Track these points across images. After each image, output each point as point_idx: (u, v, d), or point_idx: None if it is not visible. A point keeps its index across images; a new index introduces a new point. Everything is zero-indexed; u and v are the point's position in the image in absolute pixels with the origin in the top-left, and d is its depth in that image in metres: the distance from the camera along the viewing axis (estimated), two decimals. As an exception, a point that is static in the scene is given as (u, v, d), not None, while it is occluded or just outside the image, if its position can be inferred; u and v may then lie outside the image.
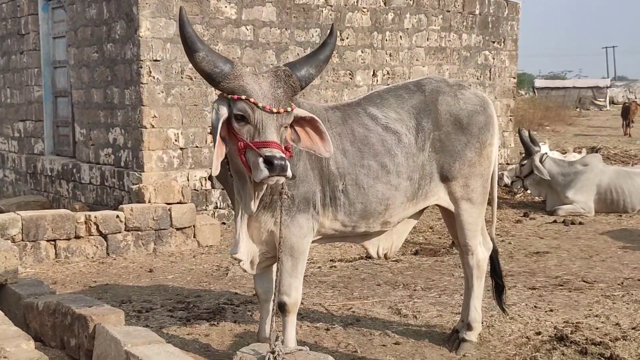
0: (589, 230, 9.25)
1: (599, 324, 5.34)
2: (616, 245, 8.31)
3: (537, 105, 32.22)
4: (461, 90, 4.66)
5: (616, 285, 6.46)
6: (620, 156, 16.50)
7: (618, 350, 4.76)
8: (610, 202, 10.23)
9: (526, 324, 5.26)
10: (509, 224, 9.65)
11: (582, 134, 24.14)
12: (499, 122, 11.98)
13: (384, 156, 4.33)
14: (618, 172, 10.60)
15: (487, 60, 11.68)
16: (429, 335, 5.07)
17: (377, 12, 10.16)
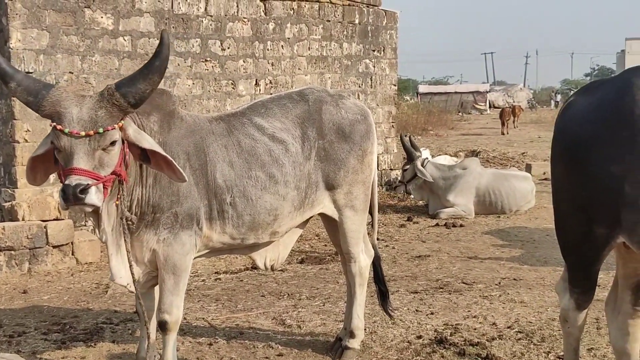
0: (469, 232, 9.54)
1: (477, 324, 5.50)
2: (494, 246, 8.60)
3: (420, 110, 33.09)
4: (342, 100, 4.71)
5: (494, 286, 6.68)
6: (499, 159, 17.14)
7: (494, 349, 4.91)
8: (488, 204, 10.59)
9: (408, 329, 5.36)
10: (393, 228, 9.82)
11: (464, 138, 24.94)
12: (382, 129, 12.25)
13: (271, 166, 4.31)
14: (495, 174, 10.99)
15: (368, 68, 11.88)
16: (313, 344, 5.07)
17: (258, 22, 10.15)
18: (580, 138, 3.34)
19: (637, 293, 3.67)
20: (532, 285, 6.62)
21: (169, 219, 3.97)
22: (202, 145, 4.15)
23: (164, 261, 3.99)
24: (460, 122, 34.55)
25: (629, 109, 3.18)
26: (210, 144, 4.19)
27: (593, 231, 3.35)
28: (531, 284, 6.70)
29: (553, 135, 3.63)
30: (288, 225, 4.53)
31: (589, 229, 3.36)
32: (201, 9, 9.51)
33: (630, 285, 3.67)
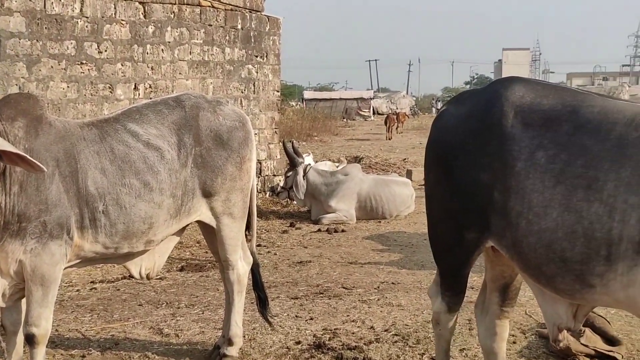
0: (350, 237, 9.68)
1: (355, 328, 5.57)
2: (374, 251, 8.76)
3: (305, 116, 33.34)
4: (220, 106, 4.68)
5: (372, 290, 6.79)
6: (381, 165, 17.49)
7: (371, 353, 4.99)
8: (370, 209, 10.79)
9: (287, 334, 5.36)
10: (276, 234, 9.84)
11: (348, 144, 25.32)
12: (265, 135, 12.25)
13: (146, 174, 4.22)
14: (376, 180, 11.22)
15: (251, 74, 11.85)
16: (190, 353, 5.00)
17: (137, 24, 9.93)
18: (451, 147, 3.44)
19: (504, 294, 3.82)
20: (410, 289, 6.78)
21: (37, 228, 3.82)
22: (72, 151, 4.02)
23: (32, 272, 3.84)
24: (344, 128, 35.05)
25: (497, 119, 3.31)
26: (82, 150, 4.06)
27: (463, 236, 3.47)
28: (409, 287, 6.86)
29: (426, 144, 3.73)
30: (164, 234, 4.45)
31: (460, 234, 3.48)
32: (76, 9, 9.21)
33: (498, 287, 3.82)
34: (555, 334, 3.47)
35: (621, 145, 2.95)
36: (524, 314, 5.76)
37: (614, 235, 2.87)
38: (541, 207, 3.08)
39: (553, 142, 3.14)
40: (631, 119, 3.01)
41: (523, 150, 3.21)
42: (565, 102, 3.23)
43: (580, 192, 2.98)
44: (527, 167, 3.17)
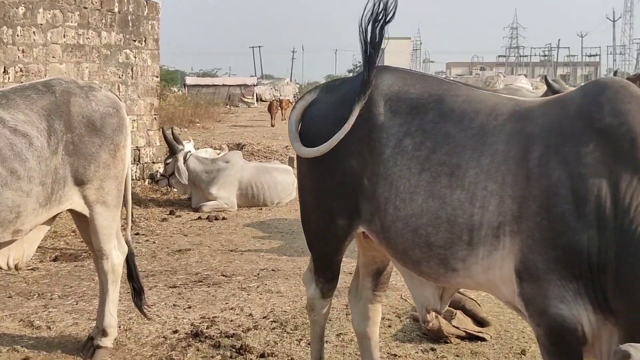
0: (231, 224, 9.65)
1: (234, 316, 5.58)
2: (255, 238, 8.78)
3: (188, 102, 32.82)
4: (92, 92, 4.55)
5: (252, 277, 6.81)
6: (264, 152, 17.47)
7: (249, 340, 5.01)
8: (251, 197, 10.78)
9: (164, 324, 5.30)
10: (155, 222, 9.68)
11: (231, 131, 25.14)
12: (144, 121, 11.99)
13: (13, 161, 4.06)
14: (258, 167, 11.22)
15: (129, 59, 11.56)
16: (63, 345, 4.87)
17: (6, 5, 9.48)
18: (322, 135, 3.48)
19: (377, 279, 3.92)
20: (289, 275, 6.84)
21: None
22: None
23: None
24: (227, 115, 34.77)
25: (366, 107, 3.37)
26: (-57, 137, 3.87)
27: (335, 223, 3.53)
28: (288, 274, 6.92)
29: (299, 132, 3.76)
30: (32, 223, 4.30)
31: (331, 221, 3.53)
32: (-61, -13, 8.71)
33: (370, 272, 3.91)
34: (424, 315, 3.60)
35: (482, 134, 3.08)
36: (399, 298, 5.93)
37: (475, 221, 2.99)
38: (407, 194, 3.18)
39: (419, 130, 3.24)
40: (492, 109, 3.14)
41: (391, 137, 3.29)
42: (432, 91, 3.33)
43: (444, 179, 3.09)
44: (395, 154, 3.25)
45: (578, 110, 2.91)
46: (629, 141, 2.76)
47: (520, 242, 2.87)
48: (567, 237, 2.76)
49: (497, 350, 4.90)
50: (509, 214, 2.92)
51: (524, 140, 2.97)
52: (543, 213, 2.82)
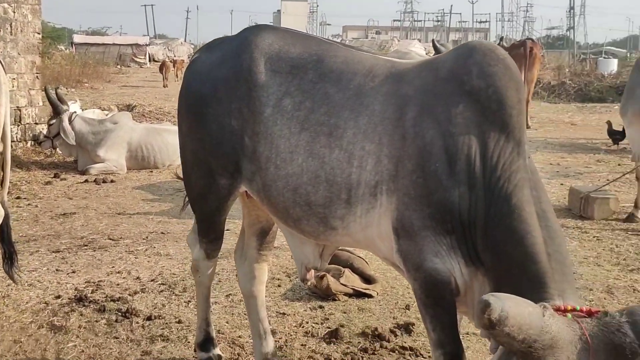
0: (120, 187, 9.42)
1: (120, 280, 5.48)
2: (144, 201, 8.60)
3: (75, 61, 31.64)
4: None
5: (141, 240, 6.69)
6: (155, 113, 17.10)
7: (136, 303, 4.93)
8: (141, 159, 10.54)
9: (46, 289, 5.15)
10: (38, 186, 9.32)
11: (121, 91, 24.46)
12: (25, 80, 11.46)
13: None
14: (148, 129, 10.96)
15: (7, 14, 10.98)
16: None
17: None
18: (202, 94, 3.44)
19: (262, 239, 3.92)
20: (179, 238, 6.75)
21: None
22: None
23: None
24: (118, 76, 33.82)
25: (246, 66, 3.34)
26: None
27: (217, 182, 3.49)
28: (178, 236, 6.83)
29: (179, 91, 3.69)
30: None
31: (213, 180, 3.49)
32: None
33: (255, 232, 3.90)
34: (303, 274, 3.62)
35: (359, 94, 3.11)
36: (289, 258, 5.96)
37: (353, 180, 3.02)
38: (288, 153, 3.18)
39: (299, 90, 3.23)
40: (369, 70, 3.17)
41: (271, 96, 3.27)
42: (312, 51, 3.33)
43: (322, 139, 3.10)
44: (275, 113, 3.24)
45: (449, 72, 2.97)
46: (496, 102, 2.84)
47: (396, 200, 2.92)
48: (440, 194, 2.82)
49: (383, 306, 5.01)
50: (386, 173, 2.96)
51: (400, 101, 3.01)
52: (418, 172, 2.87)
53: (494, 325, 2.09)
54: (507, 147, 2.82)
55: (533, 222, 2.68)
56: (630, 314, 2.25)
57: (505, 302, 2.11)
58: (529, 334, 2.13)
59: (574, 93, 23.64)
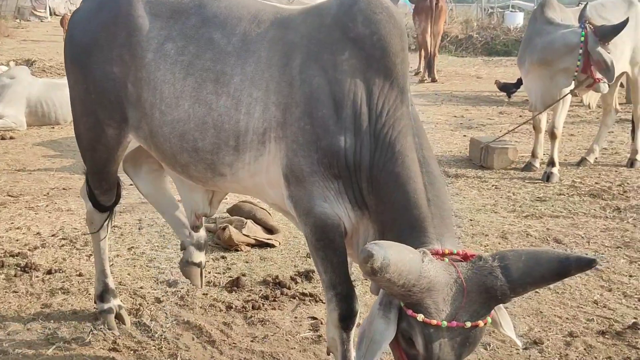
0: (19, 144, 9.12)
1: (20, 235, 5.39)
2: (45, 157, 8.37)
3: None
4: None
5: (41, 196, 6.55)
6: (56, 68, 16.55)
7: (35, 258, 4.87)
8: (42, 115, 10.21)
9: (-61, 248, 5.00)
10: None
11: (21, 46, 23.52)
12: None
13: None
14: (47, 84, 10.60)
15: None
16: None
17: None
18: (84, 43, 3.37)
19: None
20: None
21: None
22: None
23: None
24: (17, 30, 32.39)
25: (125, 11, 3.28)
26: None
27: (105, 132, 3.44)
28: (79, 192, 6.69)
29: (64, 43, 3.61)
30: None
31: (101, 130, 3.44)
32: None
33: None
34: (192, 220, 3.64)
35: (245, 40, 3.10)
36: (192, 212, 5.96)
37: (241, 127, 3.04)
38: (173, 99, 3.15)
39: (181, 35, 3.20)
40: (255, 16, 3.16)
41: (152, 41, 3.23)
42: None
43: (209, 85, 3.09)
44: (157, 58, 3.21)
45: (334, 19, 2.99)
46: (380, 50, 2.89)
47: (285, 147, 2.95)
48: (327, 140, 2.87)
49: (285, 255, 5.09)
50: (274, 120, 2.98)
51: (286, 47, 3.02)
52: (305, 118, 2.90)
53: (376, 273, 2.16)
54: (391, 94, 2.89)
55: (415, 168, 2.76)
56: (501, 258, 2.36)
57: (387, 250, 2.18)
58: (408, 279, 2.22)
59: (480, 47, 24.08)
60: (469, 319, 2.33)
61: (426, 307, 2.30)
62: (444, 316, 2.31)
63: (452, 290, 2.32)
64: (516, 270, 2.32)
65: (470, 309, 2.34)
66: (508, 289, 2.32)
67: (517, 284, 2.32)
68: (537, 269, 2.31)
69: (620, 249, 5.25)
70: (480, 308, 2.35)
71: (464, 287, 2.33)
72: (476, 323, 2.34)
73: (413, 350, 2.40)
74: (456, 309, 2.32)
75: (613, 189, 6.91)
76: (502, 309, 2.57)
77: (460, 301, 2.32)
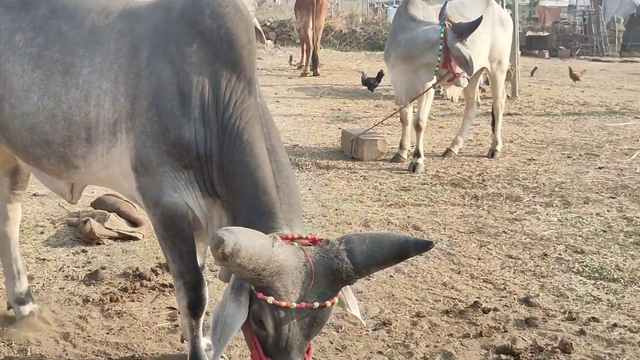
0: None
1: None
2: None
3: None
4: None
5: None
6: None
7: None
8: None
9: None
10: None
11: None
12: None
13: None
14: None
15: None
16: None
17: None
18: None
19: (14, 178, 3.81)
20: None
21: None
22: None
23: None
24: None
25: None
26: None
27: None
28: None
29: None
30: None
31: None
32: None
33: (8, 172, 3.77)
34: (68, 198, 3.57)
35: (94, 32, 3.12)
36: (56, 206, 5.88)
37: (91, 118, 3.06)
38: (22, 91, 3.14)
39: (30, 25, 3.19)
40: (103, 7, 3.19)
41: (3, 33, 3.21)
42: None
43: (58, 78, 3.10)
44: (7, 50, 3.19)
45: (181, 12, 3.06)
46: (227, 42, 2.98)
47: (134, 138, 3.00)
48: (176, 131, 2.94)
49: (148, 247, 5.10)
50: (124, 112, 3.02)
51: (134, 40, 3.06)
52: (153, 110, 2.96)
53: (227, 258, 2.24)
54: (238, 85, 2.99)
55: (263, 157, 2.87)
56: (347, 241, 2.51)
57: (238, 236, 2.27)
58: (258, 263, 2.32)
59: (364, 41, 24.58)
60: (317, 300, 2.45)
61: (276, 290, 2.41)
62: (294, 298, 2.42)
63: (301, 274, 2.44)
64: (360, 253, 2.46)
65: (318, 291, 2.46)
66: (353, 270, 2.45)
67: (361, 266, 2.46)
68: (379, 252, 2.46)
69: (472, 234, 5.55)
70: (327, 289, 2.48)
71: (312, 270, 2.44)
72: (324, 304, 2.47)
73: (263, 332, 2.50)
74: (305, 291, 2.44)
75: (473, 178, 7.27)
76: (348, 290, 2.73)
77: (308, 283, 2.44)
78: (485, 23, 7.32)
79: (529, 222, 5.85)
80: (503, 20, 8.12)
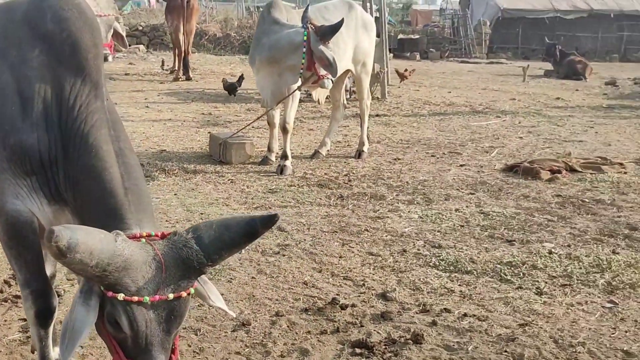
0: None
1: None
2: None
3: None
4: None
5: None
6: None
7: None
8: None
9: None
10: None
11: None
12: None
13: None
14: None
15: None
16: None
17: None
18: None
19: None
20: None
21: None
22: None
23: None
24: None
25: None
26: None
27: None
28: None
29: None
30: None
31: None
32: None
33: None
34: None
35: None
36: None
37: None
38: None
39: None
40: None
41: None
42: None
43: None
44: None
45: (23, 15, 2.99)
46: (70, 46, 2.93)
47: None
48: (16, 137, 2.85)
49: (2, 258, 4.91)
50: None
51: None
52: None
53: (65, 253, 2.17)
54: (84, 89, 2.93)
55: (110, 160, 2.82)
56: (195, 230, 2.50)
57: (75, 230, 2.22)
58: (101, 258, 2.26)
59: (238, 45, 24.58)
60: (171, 292, 2.42)
61: (126, 286, 2.36)
62: (146, 293, 2.38)
63: (151, 267, 2.40)
64: (208, 238, 2.45)
65: (172, 282, 2.43)
66: (204, 257, 2.44)
67: (211, 250, 2.44)
68: (227, 234, 2.45)
69: (336, 233, 5.66)
70: (181, 280, 2.45)
71: (162, 262, 2.42)
72: (179, 294, 2.43)
73: (121, 334, 2.44)
74: (157, 284, 2.40)
75: (339, 178, 7.42)
76: (209, 283, 2.71)
77: (160, 276, 2.41)
78: (348, 26, 7.50)
79: (391, 220, 6.03)
80: (366, 24, 8.33)
